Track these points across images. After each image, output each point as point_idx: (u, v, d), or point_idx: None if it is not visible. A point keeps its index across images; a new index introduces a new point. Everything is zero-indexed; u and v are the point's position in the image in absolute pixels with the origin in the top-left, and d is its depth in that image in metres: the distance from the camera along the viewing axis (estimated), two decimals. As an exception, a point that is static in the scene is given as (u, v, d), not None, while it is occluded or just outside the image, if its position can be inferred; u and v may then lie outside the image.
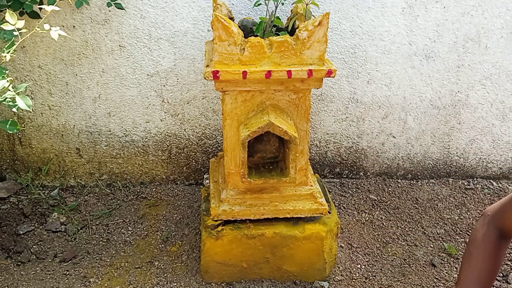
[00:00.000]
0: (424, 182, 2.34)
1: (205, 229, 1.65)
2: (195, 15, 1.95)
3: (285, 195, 1.64)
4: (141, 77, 2.05)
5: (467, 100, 2.21)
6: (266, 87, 1.47)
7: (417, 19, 2.02)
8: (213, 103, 2.13)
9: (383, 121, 2.23)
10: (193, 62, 2.03)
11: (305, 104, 1.52)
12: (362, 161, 2.31)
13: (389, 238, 1.98)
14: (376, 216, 2.10)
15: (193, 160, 2.25)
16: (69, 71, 2.03)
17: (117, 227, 2.00)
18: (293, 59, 1.42)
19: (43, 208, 2.09)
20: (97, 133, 2.16)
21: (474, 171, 2.37)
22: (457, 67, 2.13)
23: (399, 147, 2.29)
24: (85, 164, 2.22)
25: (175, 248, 1.90)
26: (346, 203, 2.17)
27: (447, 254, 1.89)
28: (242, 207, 1.62)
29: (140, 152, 2.21)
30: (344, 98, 2.16)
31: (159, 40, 1.99)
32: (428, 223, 2.06)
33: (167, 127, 2.17)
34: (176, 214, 2.08)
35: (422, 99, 2.19)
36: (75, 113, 2.11)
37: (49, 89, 2.06)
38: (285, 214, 1.64)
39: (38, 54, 1.99)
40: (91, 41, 1.98)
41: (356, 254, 1.88)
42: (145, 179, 2.27)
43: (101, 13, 1.93)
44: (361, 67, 2.10)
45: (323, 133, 2.23)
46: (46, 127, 2.14)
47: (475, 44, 2.09)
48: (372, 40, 2.05)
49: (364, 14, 2.00)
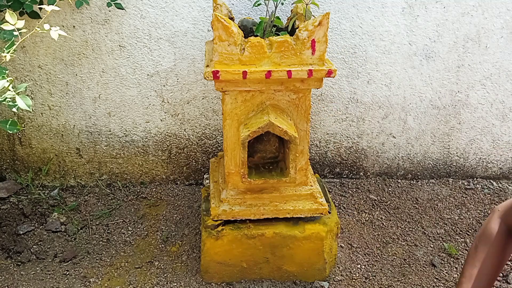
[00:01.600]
0: (424, 182, 2.34)
1: (205, 229, 1.65)
2: (195, 15, 1.95)
3: (285, 195, 1.64)
4: (141, 77, 2.05)
5: (467, 100, 2.21)
6: (266, 87, 1.47)
7: (417, 19, 2.02)
8: (213, 103, 2.13)
9: (383, 121, 2.23)
10: (193, 62, 2.03)
11: (305, 104, 1.52)
12: (362, 161, 2.31)
13: (389, 238, 1.98)
14: (376, 216, 2.10)
15: (193, 160, 2.25)
16: (69, 71, 2.03)
17: (117, 227, 2.00)
18: (293, 59, 1.42)
19: (43, 208, 2.09)
20: (97, 133, 2.16)
21: (474, 171, 2.37)
22: (457, 67, 2.13)
23: (399, 147, 2.30)
24: (85, 164, 2.22)
25: (175, 248, 1.90)
26: (346, 203, 2.17)
27: (447, 254, 1.89)
28: (242, 207, 1.62)
29: (140, 152, 2.21)
30: (344, 98, 2.16)
31: (159, 40, 1.99)
32: (428, 223, 2.06)
33: (167, 127, 2.17)
34: (176, 214, 2.08)
35: (422, 99, 2.19)
36: (75, 113, 2.11)
37: (49, 89, 2.06)
38: (285, 214, 1.64)
39: (38, 54, 1.99)
40: (91, 41, 1.98)
41: (356, 254, 1.88)
42: (145, 179, 2.28)
43: (101, 13, 1.93)
44: (361, 67, 2.10)
45: (323, 133, 2.23)
46: (46, 127, 2.14)
47: (475, 44, 2.09)
48: (372, 40, 2.05)
49: (364, 14, 2.00)
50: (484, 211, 2.15)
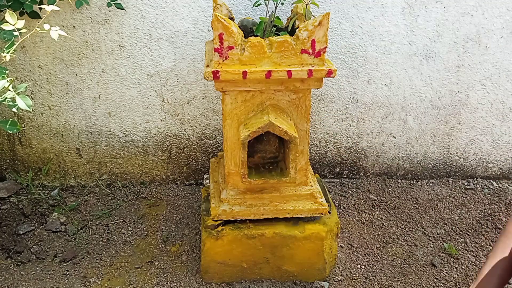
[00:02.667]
0: (424, 182, 2.34)
1: (205, 229, 1.65)
2: (195, 15, 1.95)
3: (285, 195, 1.64)
4: (141, 77, 2.06)
5: (467, 100, 2.21)
6: (266, 87, 1.48)
7: (417, 19, 2.02)
8: (213, 103, 2.13)
9: (383, 121, 2.23)
10: (193, 62, 2.04)
11: (305, 104, 1.53)
12: (362, 161, 2.31)
13: (389, 238, 1.98)
14: (376, 216, 2.10)
15: (193, 160, 2.25)
16: (69, 71, 2.03)
17: (117, 227, 2.00)
18: (293, 59, 1.43)
19: (43, 208, 2.09)
20: (97, 133, 2.16)
21: (474, 171, 2.37)
22: (457, 67, 2.13)
23: (399, 147, 2.30)
24: (85, 164, 2.22)
25: (175, 248, 1.90)
26: (346, 203, 2.17)
27: (447, 254, 1.90)
28: (242, 207, 1.62)
29: (140, 152, 2.21)
30: (344, 98, 2.16)
31: (159, 40, 1.99)
32: (428, 223, 2.06)
33: (167, 127, 2.17)
34: (176, 214, 2.08)
35: (422, 99, 2.19)
36: (75, 113, 2.12)
37: (49, 89, 2.07)
38: (285, 214, 1.64)
39: (38, 54, 1.99)
40: (91, 41, 1.98)
41: (356, 254, 1.89)
42: (145, 179, 2.28)
43: (101, 13, 1.93)
44: (361, 67, 2.10)
45: (323, 133, 2.23)
46: (46, 127, 2.14)
47: (475, 44, 2.09)
48: (372, 40, 2.05)
49: (364, 14, 2.00)
50: (484, 211, 2.15)
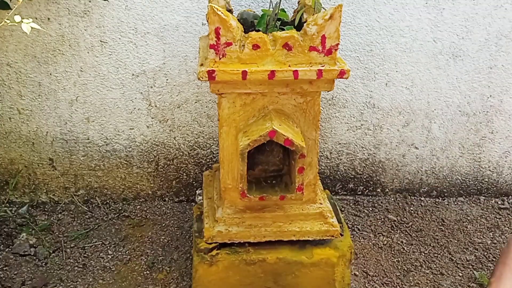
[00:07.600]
0: (451, 201, 2.34)
1: (197, 253, 1.65)
2: (188, 7, 1.97)
3: (290, 214, 1.64)
4: (125, 77, 2.07)
5: (500, 106, 2.22)
6: (269, 89, 1.48)
7: (443, 13, 2.04)
8: (207, 108, 2.14)
9: (403, 129, 2.23)
10: (185, 60, 2.05)
11: (313, 109, 1.53)
12: (379, 175, 2.32)
13: (410, 265, 1.97)
14: (395, 239, 2.10)
15: (184, 173, 2.25)
16: (43, 70, 2.04)
17: (95, 251, 2.00)
18: (300, 58, 1.43)
19: (10, 227, 2.09)
20: (73, 141, 2.16)
21: (509, 188, 2.37)
22: (489, 67, 2.15)
23: (423, 160, 2.30)
24: (59, 177, 2.23)
25: (162, 275, 1.89)
26: (361, 224, 2.17)
27: (478, 285, 1.89)
28: (240, 227, 1.62)
29: (123, 163, 2.21)
30: (359, 103, 2.17)
31: (146, 35, 2.00)
32: (456, 248, 2.06)
33: (154, 135, 2.17)
34: (163, 236, 2.08)
35: (449, 104, 2.20)
36: (49, 118, 2.12)
37: (19, 91, 2.08)
38: (290, 236, 1.64)
39: (7, 50, 2.01)
40: (68, 36, 1.99)
41: (373, 284, 1.88)
42: (128, 194, 2.28)
43: (80, 4, 1.94)
44: (378, 67, 2.12)
45: (334, 142, 2.24)
46: (14, 134, 2.15)
47: (509, 42, 2.11)
48: (391, 36, 2.06)
49: (382, 7, 2.01)
50: (521, 235, 2.15)
